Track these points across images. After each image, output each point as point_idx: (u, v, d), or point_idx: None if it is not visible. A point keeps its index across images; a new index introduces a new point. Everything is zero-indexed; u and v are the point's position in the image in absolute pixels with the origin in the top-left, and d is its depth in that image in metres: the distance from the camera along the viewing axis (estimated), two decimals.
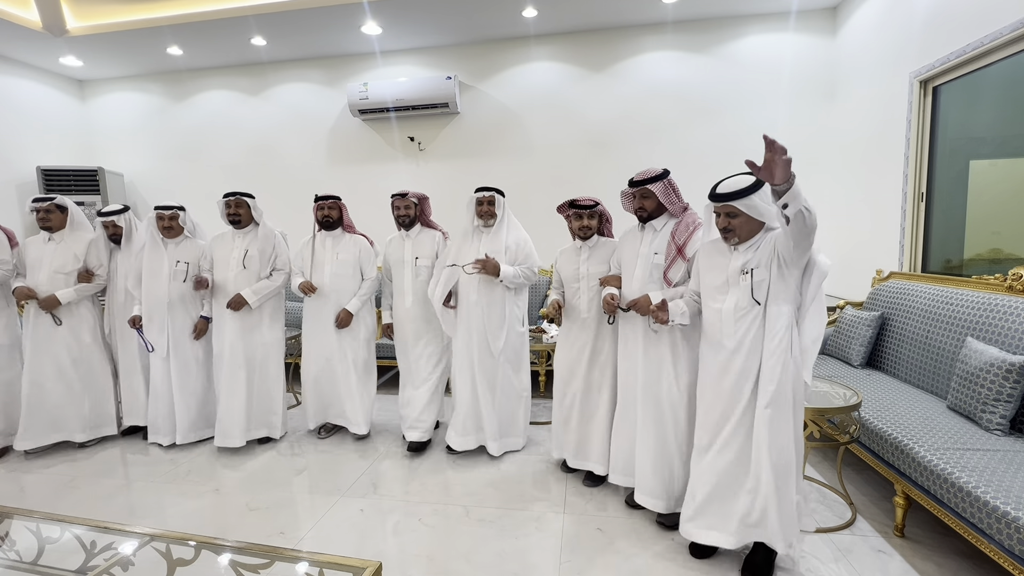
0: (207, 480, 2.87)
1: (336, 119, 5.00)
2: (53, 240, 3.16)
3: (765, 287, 1.81)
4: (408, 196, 3.07)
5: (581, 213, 2.61)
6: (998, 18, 2.66)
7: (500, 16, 4.18)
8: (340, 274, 3.20)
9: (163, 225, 3.13)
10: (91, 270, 3.24)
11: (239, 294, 3.09)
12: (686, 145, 4.46)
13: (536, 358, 4.05)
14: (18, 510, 1.84)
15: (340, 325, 3.19)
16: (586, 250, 2.62)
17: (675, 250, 2.17)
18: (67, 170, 4.94)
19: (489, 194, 2.87)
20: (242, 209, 3.13)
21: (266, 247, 3.19)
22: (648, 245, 2.28)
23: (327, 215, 3.20)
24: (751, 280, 1.82)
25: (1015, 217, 2.91)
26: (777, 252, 1.77)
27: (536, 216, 4.05)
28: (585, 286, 2.60)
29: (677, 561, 2.09)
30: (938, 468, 1.92)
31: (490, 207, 2.88)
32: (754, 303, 1.83)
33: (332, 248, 3.23)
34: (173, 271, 3.15)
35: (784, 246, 1.72)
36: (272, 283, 3.19)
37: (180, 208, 3.18)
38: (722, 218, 1.85)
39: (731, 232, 1.85)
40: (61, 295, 3.11)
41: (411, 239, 3.13)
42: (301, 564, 1.55)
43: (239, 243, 3.17)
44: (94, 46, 4.55)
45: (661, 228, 2.27)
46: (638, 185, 2.26)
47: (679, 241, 2.17)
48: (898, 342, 2.96)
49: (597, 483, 2.68)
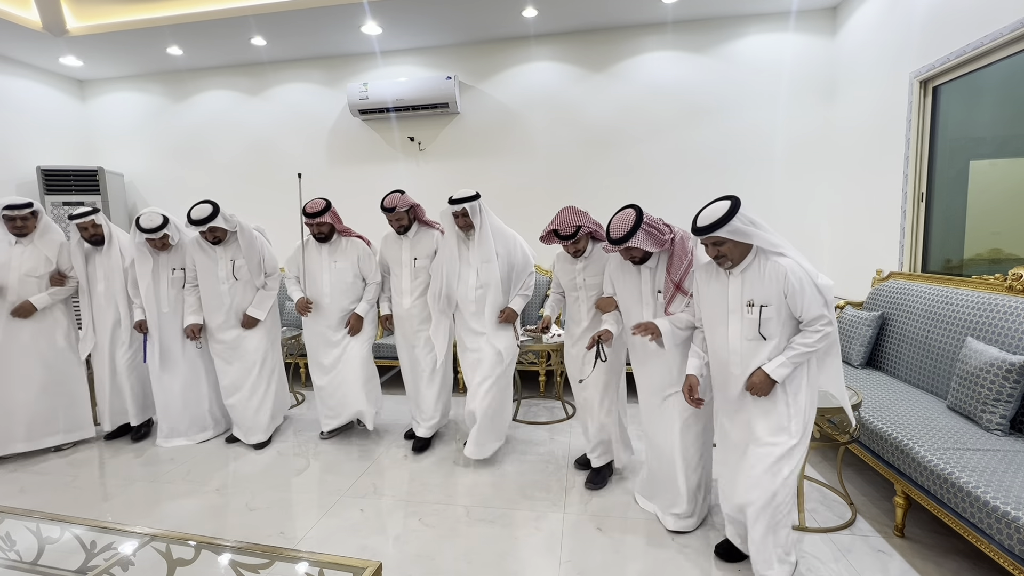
0: (207, 480, 2.87)
1: (336, 119, 5.00)
2: (21, 243, 3.09)
3: (774, 325, 1.81)
4: (397, 210, 2.97)
5: (566, 245, 2.52)
6: (998, 18, 2.66)
7: (500, 16, 4.18)
8: (339, 282, 3.15)
9: (156, 246, 3.10)
10: (63, 273, 3.20)
11: (248, 316, 3.13)
12: (686, 145, 4.46)
13: (536, 358, 4.05)
14: (18, 510, 1.84)
15: (352, 331, 3.18)
16: (582, 260, 2.59)
17: (673, 287, 2.16)
18: (67, 170, 4.94)
19: (460, 207, 2.75)
20: (218, 232, 3.04)
21: (251, 254, 3.14)
22: (649, 285, 2.24)
23: (319, 232, 3.11)
24: (759, 315, 1.81)
25: (1015, 217, 2.91)
26: (787, 305, 1.81)
27: (536, 216, 4.05)
28: (584, 296, 2.61)
29: (677, 561, 2.09)
30: (938, 468, 1.92)
31: (465, 219, 2.78)
32: (760, 338, 1.83)
33: (329, 256, 3.16)
34: (170, 279, 3.15)
35: (795, 310, 1.80)
36: (272, 293, 3.22)
37: (165, 222, 3.05)
38: (711, 248, 1.85)
39: (723, 258, 1.84)
40: (36, 300, 3.07)
41: (409, 239, 3.10)
42: (301, 564, 1.55)
43: (223, 254, 3.11)
44: (94, 46, 4.55)
45: (656, 265, 2.23)
46: (620, 243, 2.10)
47: (675, 278, 2.15)
48: (898, 342, 2.96)
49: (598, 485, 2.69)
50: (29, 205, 3.07)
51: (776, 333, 1.82)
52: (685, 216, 2.21)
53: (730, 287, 1.88)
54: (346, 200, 3.34)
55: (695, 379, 2.02)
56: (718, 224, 1.76)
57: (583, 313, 2.62)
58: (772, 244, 1.79)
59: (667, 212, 4.34)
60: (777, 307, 1.80)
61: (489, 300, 2.86)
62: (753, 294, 1.82)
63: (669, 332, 2.10)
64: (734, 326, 1.87)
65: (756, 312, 1.81)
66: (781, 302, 1.79)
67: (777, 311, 1.80)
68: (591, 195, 4.61)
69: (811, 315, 1.78)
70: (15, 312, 3.04)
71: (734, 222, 1.75)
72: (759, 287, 1.81)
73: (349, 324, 3.17)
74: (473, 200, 2.77)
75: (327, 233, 3.13)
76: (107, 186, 5.03)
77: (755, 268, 1.83)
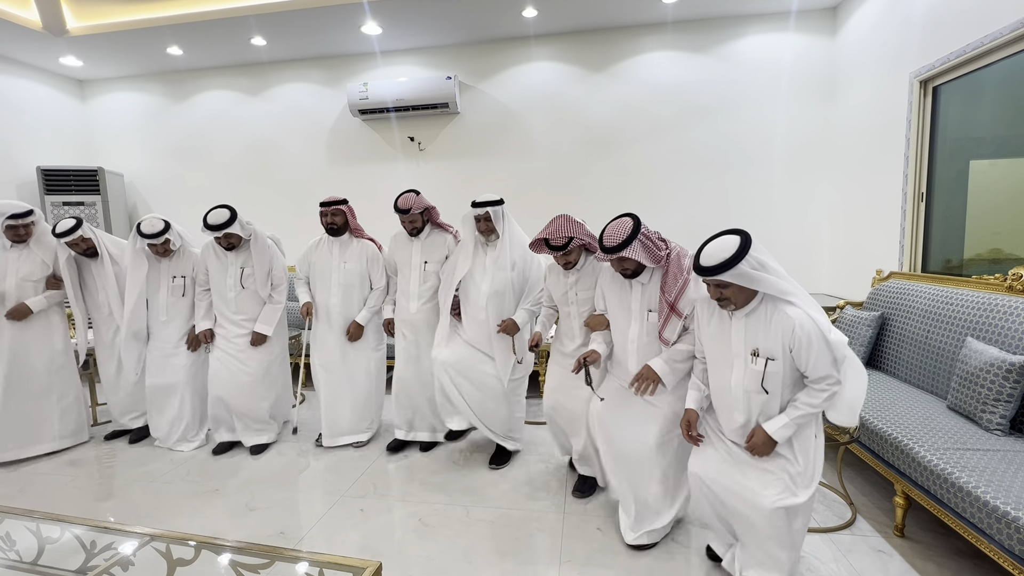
0: (207, 480, 2.87)
1: (336, 119, 5.00)
2: (16, 248, 3.08)
3: (778, 380, 1.70)
4: (412, 212, 2.89)
5: (557, 256, 2.39)
6: (998, 18, 2.66)
7: (500, 16, 4.18)
8: (347, 283, 3.11)
9: (158, 252, 3.06)
10: (59, 276, 3.18)
11: (256, 333, 3.08)
12: (686, 145, 4.46)
13: (536, 358, 4.05)
14: (18, 510, 1.84)
15: (351, 338, 3.13)
16: (573, 274, 2.43)
17: (668, 307, 2.00)
18: (67, 170, 4.94)
19: (484, 211, 2.68)
20: (232, 239, 2.99)
21: (262, 262, 3.07)
22: (639, 301, 2.10)
23: (331, 222, 3.07)
24: (763, 368, 1.69)
25: (1015, 217, 2.91)
26: (792, 359, 1.68)
27: (536, 216, 4.03)
28: (576, 312, 2.46)
29: (677, 561, 2.09)
30: (938, 468, 1.92)
31: (488, 223, 2.72)
32: (763, 391, 1.71)
33: (339, 255, 3.12)
34: (170, 287, 3.12)
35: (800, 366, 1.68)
36: (278, 307, 3.15)
37: (166, 227, 3.01)
38: (713, 289, 1.71)
39: (727, 301, 1.70)
40: (32, 303, 3.06)
41: (420, 241, 3.01)
42: (301, 564, 1.55)
43: (234, 260, 3.07)
44: (94, 46, 4.55)
45: (649, 281, 2.09)
46: (614, 252, 1.96)
47: (670, 297, 1.99)
48: (898, 342, 2.96)
49: (586, 494, 2.60)
50: (31, 212, 3.07)
51: (779, 389, 1.71)
52: (685, 216, 2.19)
53: (733, 330, 1.75)
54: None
55: (694, 414, 1.89)
56: (724, 267, 1.60)
57: (575, 330, 2.48)
58: (781, 291, 1.65)
59: (667, 211, 4.39)
60: (782, 361, 1.67)
61: (498, 309, 2.78)
62: (758, 343, 1.70)
63: (668, 373, 2.00)
64: (737, 373, 1.75)
65: (761, 365, 1.69)
66: (786, 356, 1.67)
67: (782, 366, 1.68)
68: (591, 195, 4.61)
69: (818, 373, 1.65)
70: (10, 314, 3.02)
71: (742, 266, 1.59)
72: (764, 336, 1.69)
73: (349, 332, 3.12)
74: (497, 205, 2.71)
75: (340, 226, 3.10)
76: (107, 186, 5.03)
77: (761, 313, 1.70)
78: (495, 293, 2.76)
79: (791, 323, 1.64)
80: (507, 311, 2.80)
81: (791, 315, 1.64)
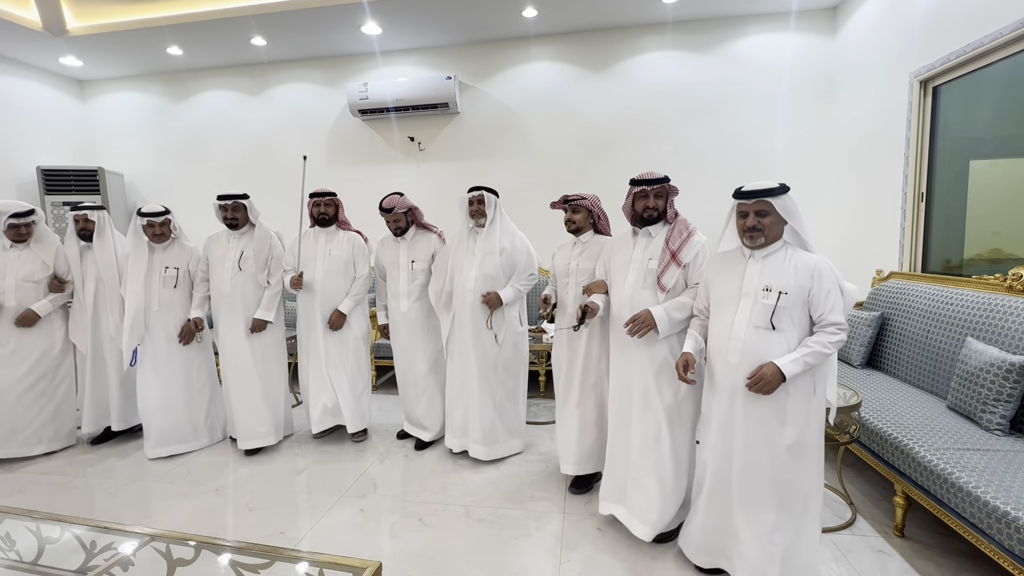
0: (207, 480, 2.87)
1: (336, 119, 5.00)
2: (16, 247, 3.09)
3: (787, 317, 1.72)
4: (395, 211, 3.02)
5: (566, 207, 2.63)
6: (998, 18, 2.66)
7: (500, 16, 4.18)
8: (332, 271, 3.15)
9: (154, 232, 3.07)
10: (61, 277, 3.21)
11: (257, 319, 3.10)
12: (686, 145, 4.46)
13: (536, 358, 4.05)
14: (18, 510, 1.84)
15: (333, 327, 3.15)
16: (579, 246, 2.60)
17: (669, 255, 2.11)
18: (67, 170, 4.94)
19: (478, 193, 2.84)
20: (239, 213, 3.10)
21: (262, 248, 3.14)
22: (642, 251, 2.19)
23: (323, 212, 3.18)
24: (775, 302, 1.71)
25: (1015, 217, 2.91)
26: (808, 302, 1.73)
27: (536, 216, 4.04)
28: (573, 281, 2.56)
29: (677, 561, 2.09)
30: (938, 468, 1.92)
31: (480, 206, 2.84)
32: (770, 327, 1.72)
33: (325, 244, 3.19)
34: (162, 277, 3.11)
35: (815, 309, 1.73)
36: (276, 292, 3.18)
37: (168, 212, 3.11)
38: (752, 217, 1.75)
39: (759, 232, 1.74)
40: (39, 308, 3.08)
41: (407, 241, 3.12)
42: (301, 564, 1.55)
43: (234, 244, 3.13)
44: (94, 46, 4.55)
45: (656, 235, 2.19)
46: (655, 184, 2.13)
47: (673, 247, 2.12)
48: (898, 342, 2.96)
49: (583, 489, 2.64)
50: (32, 212, 3.10)
51: (787, 327, 1.72)
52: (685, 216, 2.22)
53: (747, 271, 1.79)
54: (346, 200, 3.33)
55: (691, 356, 1.93)
56: (771, 192, 1.71)
57: (569, 299, 2.58)
58: (806, 239, 1.77)
59: None
60: (795, 299, 1.71)
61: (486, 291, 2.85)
62: (772, 280, 1.74)
63: (664, 320, 2.05)
64: (743, 312, 1.77)
65: (772, 298, 1.71)
66: (801, 296, 1.71)
67: (794, 303, 1.71)
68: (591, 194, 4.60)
69: (831, 319, 1.70)
70: (19, 322, 3.04)
71: (786, 198, 1.72)
72: (780, 275, 1.73)
73: (331, 321, 3.14)
74: (492, 192, 2.87)
75: (331, 216, 3.21)
76: (107, 186, 5.03)
77: (780, 256, 1.76)
78: (483, 276, 2.84)
79: (814, 265, 1.72)
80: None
81: (814, 259, 1.74)
